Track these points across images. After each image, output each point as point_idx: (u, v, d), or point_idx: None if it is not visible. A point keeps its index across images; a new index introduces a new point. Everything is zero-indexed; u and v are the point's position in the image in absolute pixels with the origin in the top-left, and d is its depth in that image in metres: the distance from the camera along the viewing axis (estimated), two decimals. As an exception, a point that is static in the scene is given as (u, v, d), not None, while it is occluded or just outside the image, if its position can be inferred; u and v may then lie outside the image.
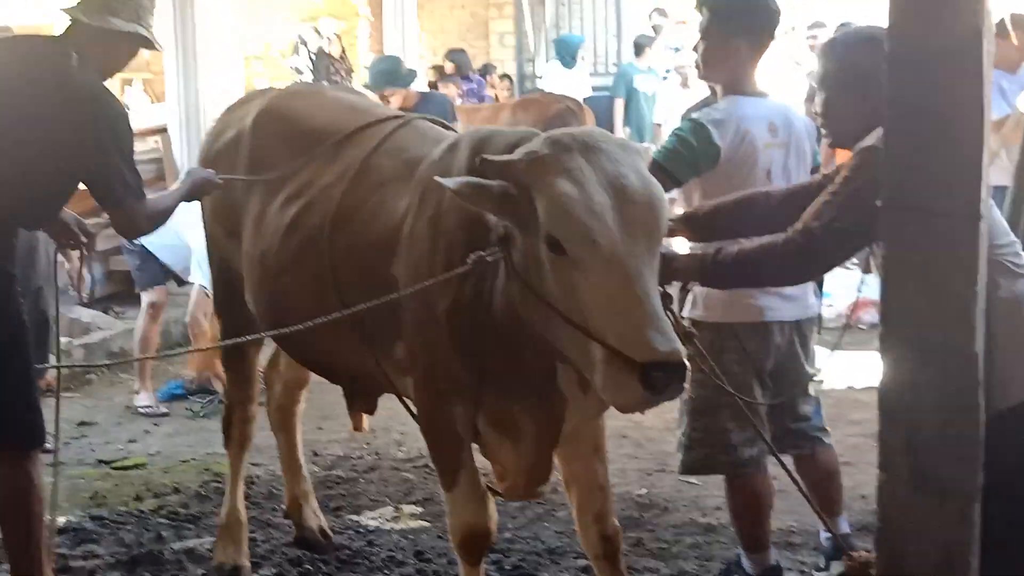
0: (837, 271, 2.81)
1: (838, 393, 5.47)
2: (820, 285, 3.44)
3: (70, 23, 3.26)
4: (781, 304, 3.19)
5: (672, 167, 3.06)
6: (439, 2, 14.08)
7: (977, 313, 2.11)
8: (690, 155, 3.10)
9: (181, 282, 6.15)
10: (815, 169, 3.41)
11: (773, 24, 3.30)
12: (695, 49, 3.33)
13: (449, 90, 9.84)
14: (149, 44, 3.33)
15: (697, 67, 3.38)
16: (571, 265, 2.28)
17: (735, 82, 3.26)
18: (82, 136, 3.09)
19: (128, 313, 6.99)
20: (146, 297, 6.05)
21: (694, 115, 3.27)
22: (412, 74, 7.54)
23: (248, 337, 3.31)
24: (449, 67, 11.01)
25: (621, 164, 2.34)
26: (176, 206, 3.37)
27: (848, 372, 5.60)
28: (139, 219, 3.24)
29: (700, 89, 11.05)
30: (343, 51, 12.90)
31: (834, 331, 3.82)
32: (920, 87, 2.15)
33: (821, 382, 5.31)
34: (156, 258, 5.92)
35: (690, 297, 3.19)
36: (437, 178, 2.50)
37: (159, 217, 3.33)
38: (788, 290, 3.12)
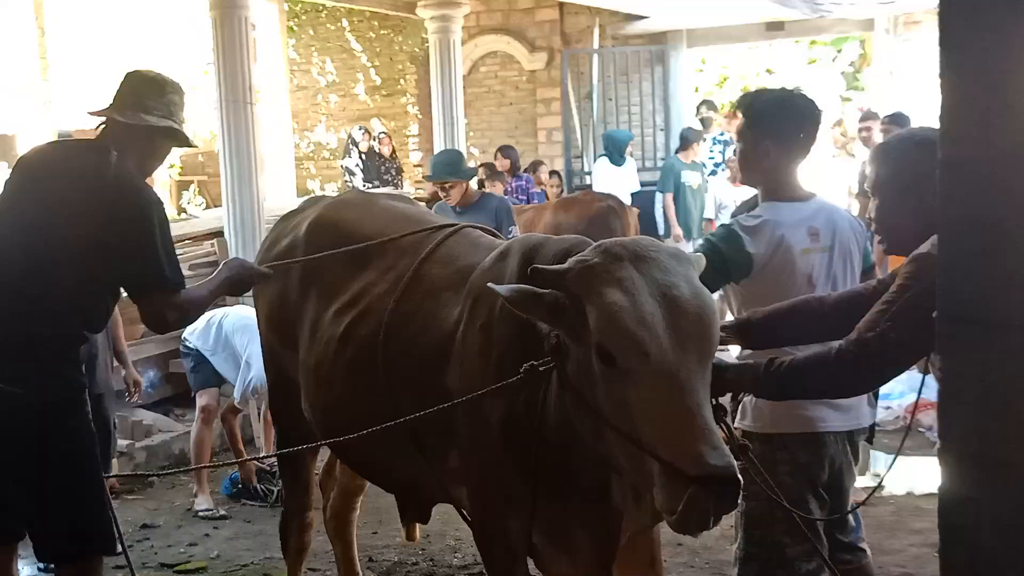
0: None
1: (899, 500, 5.35)
2: (876, 395, 3.36)
3: (105, 123, 3.35)
4: (834, 415, 3.14)
5: (702, 276, 3.06)
6: (487, 100, 14.34)
7: (1041, 428, 2.05)
8: (720, 263, 3.07)
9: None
10: (869, 270, 3.37)
11: (809, 127, 3.27)
12: (735, 152, 3.34)
13: (496, 188, 9.96)
14: (184, 139, 3.40)
15: (736, 170, 3.39)
16: (622, 376, 2.26)
17: (772, 185, 3.25)
18: (120, 228, 3.13)
19: (188, 415, 7.06)
20: (199, 400, 6.12)
21: (730, 221, 3.26)
22: (473, 170, 7.60)
23: (304, 447, 3.33)
24: (504, 164, 11.15)
25: (672, 274, 2.33)
26: (211, 298, 3.37)
27: (908, 478, 5.43)
28: (168, 310, 3.23)
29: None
30: (393, 150, 13.13)
31: (893, 434, 3.73)
32: (975, 193, 2.11)
33: (883, 488, 5.21)
34: (209, 361, 6.02)
35: (740, 407, 3.15)
36: (490, 285, 2.50)
37: (191, 308, 3.32)
38: (841, 400, 3.07)
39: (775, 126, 3.21)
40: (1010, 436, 2.09)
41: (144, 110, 3.28)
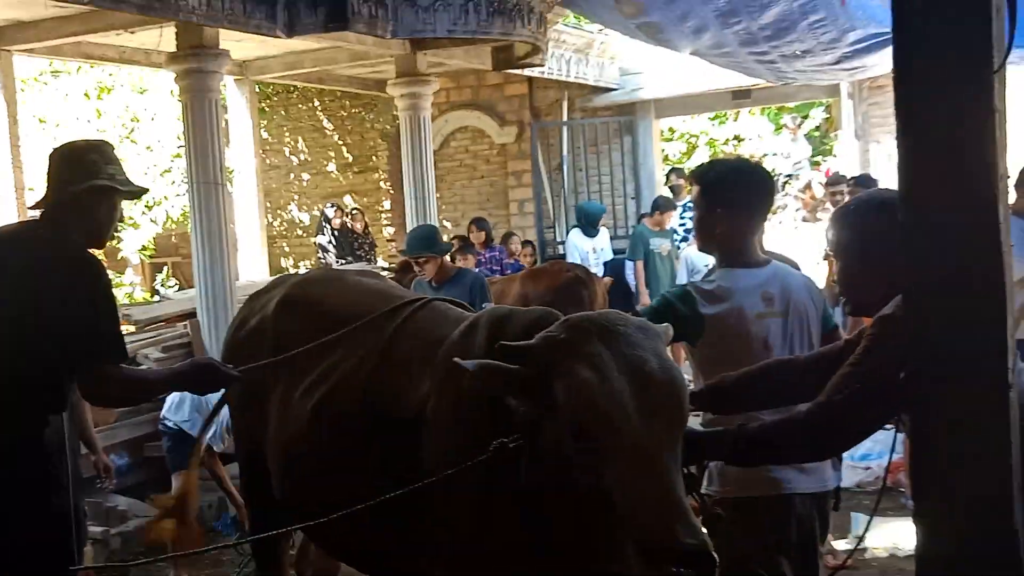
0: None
1: (882, 562, 5.30)
2: (839, 458, 3.38)
3: (43, 207, 3.37)
4: (800, 477, 3.15)
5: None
6: (458, 173, 14.44)
7: (1014, 488, 2.05)
8: (673, 320, 3.07)
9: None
10: (831, 332, 3.41)
11: (761, 196, 3.36)
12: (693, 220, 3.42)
13: (468, 261, 9.98)
14: (122, 191, 3.38)
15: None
16: (593, 452, 2.24)
17: (727, 252, 3.31)
18: (62, 296, 3.11)
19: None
20: (176, 481, 6.02)
21: (686, 282, 3.30)
22: (448, 245, 7.59)
23: (276, 531, 3.26)
24: (479, 236, 11.20)
25: (640, 348, 2.31)
26: (161, 386, 3.31)
27: (891, 539, 5.40)
28: (107, 384, 3.15)
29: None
30: (366, 226, 13.16)
31: (873, 495, 3.72)
32: (937, 255, 2.14)
33: (865, 550, 5.17)
34: (188, 440, 5.92)
35: (707, 472, 3.14)
36: (456, 360, 2.48)
37: (135, 387, 3.26)
38: (810, 465, 3.07)
39: (727, 195, 3.28)
40: (984, 496, 2.09)
41: (68, 182, 3.30)
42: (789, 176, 13.64)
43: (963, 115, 2.04)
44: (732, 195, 3.28)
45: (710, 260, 9.41)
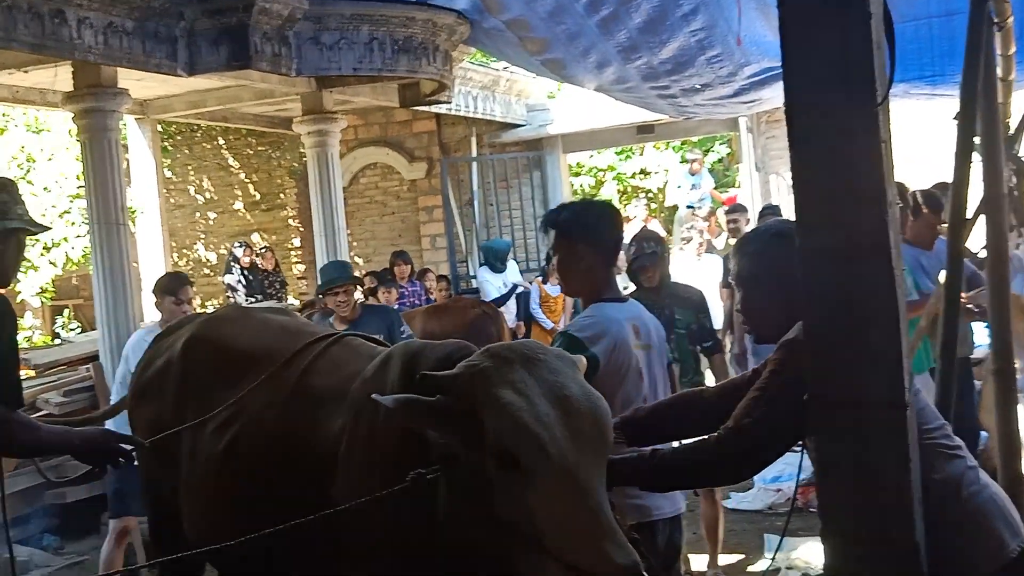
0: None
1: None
2: None
3: None
4: (664, 502, 3.30)
5: None
6: (369, 210, 14.40)
7: (914, 503, 2.12)
8: None
9: None
10: (668, 365, 3.68)
11: (615, 227, 3.50)
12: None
13: (391, 295, 9.95)
14: (21, 228, 3.28)
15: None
16: (521, 479, 2.23)
17: (593, 288, 3.44)
18: None
19: (67, 547, 6.74)
20: (116, 524, 5.87)
21: (566, 329, 3.39)
22: (359, 279, 7.31)
23: (180, 554, 3.14)
24: (404, 270, 11.19)
25: (561, 375, 2.34)
26: (44, 440, 3.16)
27: (803, 557, 5.50)
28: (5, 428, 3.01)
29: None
30: (276, 264, 13.03)
31: (785, 516, 3.81)
32: (834, 280, 2.21)
33: (778, 570, 5.26)
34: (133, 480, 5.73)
35: None
36: (375, 396, 2.45)
37: (14, 435, 3.07)
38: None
39: (584, 230, 3.41)
40: (886, 512, 2.16)
41: None
42: (691, 207, 13.90)
43: (851, 145, 2.12)
44: (588, 229, 3.41)
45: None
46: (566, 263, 3.45)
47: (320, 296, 6.62)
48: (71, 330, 13.35)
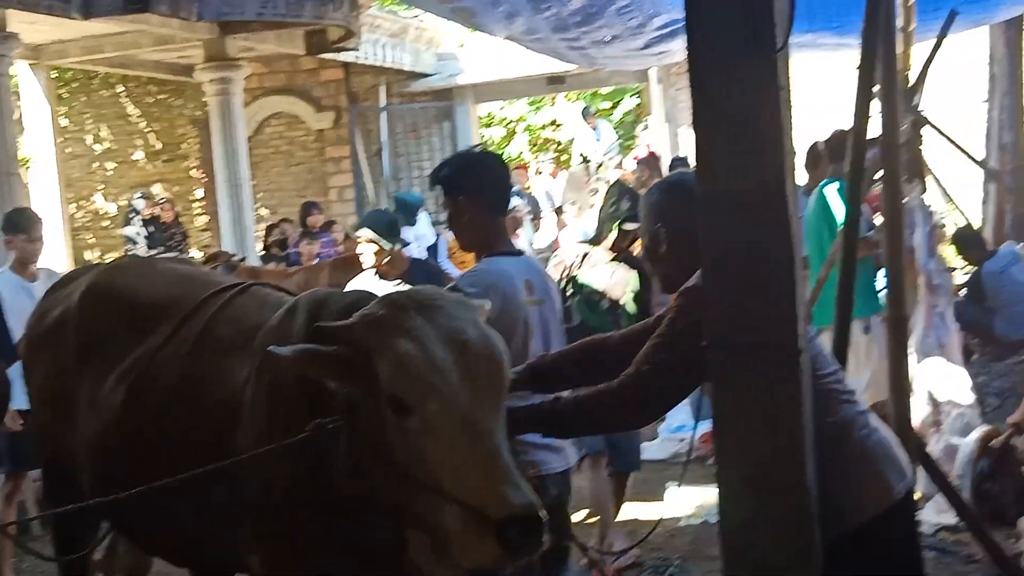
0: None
1: (695, 529, 5.48)
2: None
3: None
4: (554, 456, 3.28)
5: None
6: (274, 160, 14.16)
7: (807, 447, 2.16)
8: None
9: None
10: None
11: (498, 177, 3.50)
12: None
13: (313, 247, 9.81)
14: None
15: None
16: (417, 425, 2.24)
17: (484, 242, 3.43)
18: None
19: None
20: (6, 482, 5.71)
21: (456, 283, 3.39)
22: (403, 241, 6.10)
23: (72, 506, 3.05)
24: (318, 220, 11.02)
25: (459, 320, 2.34)
26: None
27: (703, 506, 5.60)
28: None
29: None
30: (177, 216, 12.75)
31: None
32: (732, 227, 2.24)
33: (679, 519, 5.37)
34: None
35: None
36: (272, 348, 2.42)
37: None
38: (556, 441, 3.19)
39: (465, 182, 3.41)
40: (781, 457, 2.21)
41: None
42: (599, 164, 13.99)
43: (750, 92, 2.14)
44: (470, 181, 3.40)
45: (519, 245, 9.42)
46: (453, 218, 3.46)
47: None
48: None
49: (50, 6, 7.36)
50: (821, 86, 10.19)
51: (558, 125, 18.60)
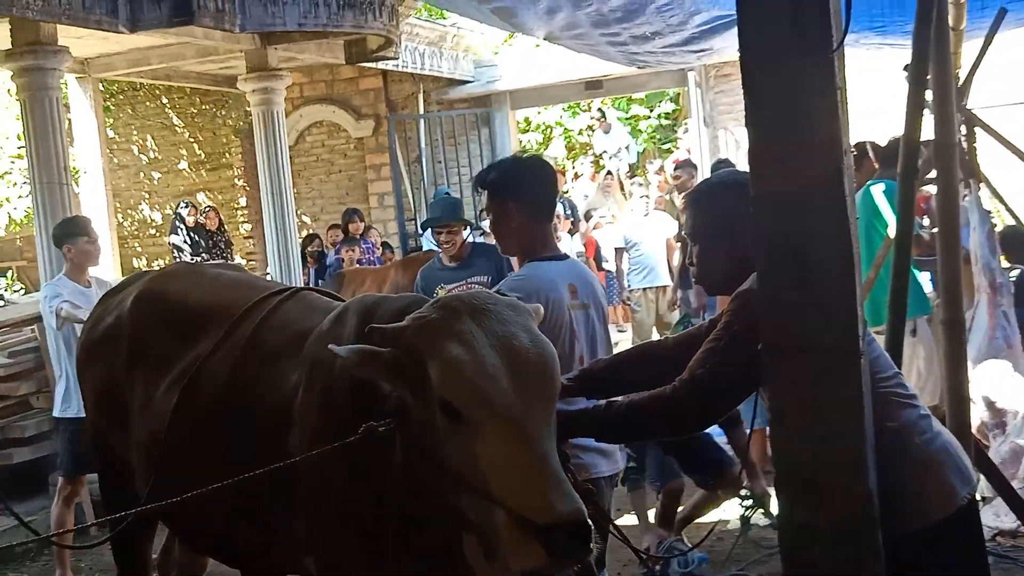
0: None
1: (756, 531, 5.33)
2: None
3: None
4: (602, 460, 3.28)
5: None
6: (315, 168, 14.25)
7: (867, 451, 2.13)
8: None
9: None
10: None
11: (547, 182, 3.49)
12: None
13: (354, 253, 9.91)
14: None
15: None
16: (467, 430, 2.24)
17: (528, 247, 3.42)
18: None
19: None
20: (65, 484, 5.79)
21: (497, 289, 3.39)
22: (467, 220, 6.44)
23: (129, 512, 3.09)
24: (360, 227, 11.15)
25: (510, 324, 2.33)
26: None
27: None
28: None
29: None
30: (221, 223, 12.87)
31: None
32: (787, 228, 2.21)
33: (728, 521, 5.32)
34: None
35: None
36: (331, 346, 2.44)
37: None
38: (607, 445, 3.17)
39: (514, 187, 3.39)
40: (838, 459, 2.18)
41: None
42: (632, 165, 13.98)
43: (806, 92, 2.12)
44: (518, 186, 3.39)
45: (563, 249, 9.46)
46: (498, 222, 3.44)
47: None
48: (15, 291, 13.09)
49: (99, 21, 7.45)
50: (861, 85, 10.10)
51: (595, 130, 18.55)
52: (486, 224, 5.45)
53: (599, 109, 16.40)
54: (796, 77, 2.13)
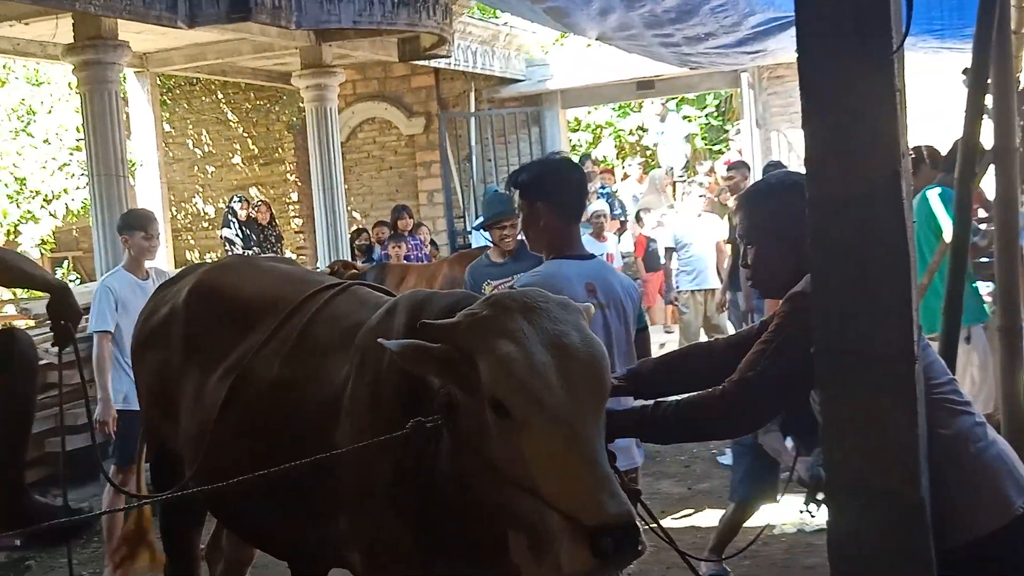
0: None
1: (790, 538, 5.36)
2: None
3: None
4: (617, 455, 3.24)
5: None
6: (366, 165, 14.35)
7: (920, 458, 2.10)
8: None
9: None
10: (641, 330, 3.67)
11: (576, 184, 3.57)
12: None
13: (400, 249, 9.98)
14: None
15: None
16: (516, 428, 2.23)
17: (554, 244, 3.50)
18: None
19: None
20: (116, 472, 5.88)
21: (512, 286, 3.42)
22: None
23: (168, 494, 3.13)
24: (408, 223, 11.22)
25: (562, 323, 2.32)
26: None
27: (797, 514, 5.48)
28: None
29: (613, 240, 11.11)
30: (272, 217, 13.00)
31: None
32: (843, 230, 2.18)
33: (773, 527, 5.28)
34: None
35: None
36: (381, 340, 2.44)
37: None
38: (621, 441, 3.15)
39: (544, 188, 3.48)
40: (891, 466, 2.15)
41: None
42: (684, 165, 13.93)
43: (865, 94, 2.09)
44: (547, 187, 3.48)
45: (599, 250, 9.40)
46: (527, 221, 3.54)
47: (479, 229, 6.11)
48: (71, 281, 13.33)
49: (159, 16, 7.57)
50: (920, 89, 9.97)
51: (644, 130, 18.49)
52: None
53: (663, 104, 16.37)
54: (855, 79, 2.10)
